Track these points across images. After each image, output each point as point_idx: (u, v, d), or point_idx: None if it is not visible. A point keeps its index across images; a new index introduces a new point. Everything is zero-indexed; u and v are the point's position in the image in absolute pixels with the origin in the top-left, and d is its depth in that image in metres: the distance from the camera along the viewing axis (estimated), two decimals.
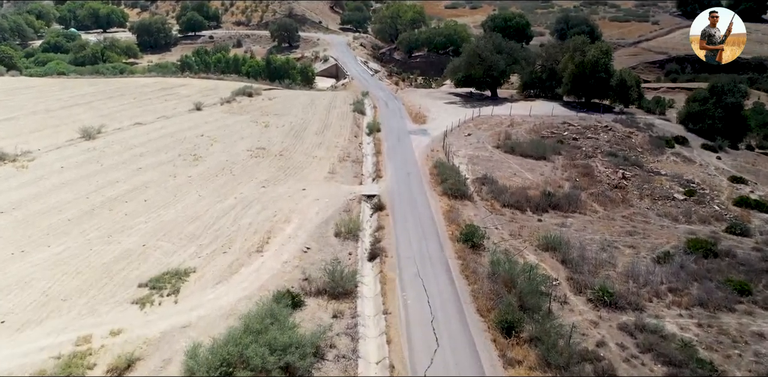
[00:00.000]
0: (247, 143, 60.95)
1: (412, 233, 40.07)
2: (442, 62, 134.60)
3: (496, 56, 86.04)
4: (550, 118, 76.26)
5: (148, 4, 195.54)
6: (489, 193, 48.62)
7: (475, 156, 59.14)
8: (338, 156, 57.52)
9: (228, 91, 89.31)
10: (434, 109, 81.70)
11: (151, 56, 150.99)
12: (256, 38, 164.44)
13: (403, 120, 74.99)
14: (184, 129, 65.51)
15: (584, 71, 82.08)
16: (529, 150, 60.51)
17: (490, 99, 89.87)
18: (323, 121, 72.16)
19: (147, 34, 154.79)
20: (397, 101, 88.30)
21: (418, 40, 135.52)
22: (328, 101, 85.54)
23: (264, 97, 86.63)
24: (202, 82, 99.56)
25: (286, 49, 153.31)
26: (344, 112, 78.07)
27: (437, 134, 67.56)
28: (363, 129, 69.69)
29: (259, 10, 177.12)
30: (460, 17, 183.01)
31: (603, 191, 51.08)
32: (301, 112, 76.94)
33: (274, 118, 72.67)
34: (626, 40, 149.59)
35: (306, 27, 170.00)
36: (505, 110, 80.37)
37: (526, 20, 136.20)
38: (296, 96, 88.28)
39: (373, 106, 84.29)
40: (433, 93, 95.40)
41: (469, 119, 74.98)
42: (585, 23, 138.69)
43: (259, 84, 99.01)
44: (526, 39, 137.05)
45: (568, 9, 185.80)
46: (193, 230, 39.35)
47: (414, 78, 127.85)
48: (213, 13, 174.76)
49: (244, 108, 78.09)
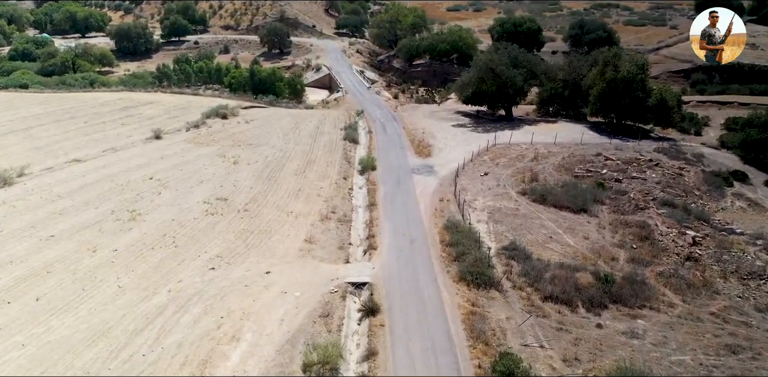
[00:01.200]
0: (206, 189, 47.14)
1: (419, 365, 26.33)
2: (446, 71, 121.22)
3: (513, 71, 72.16)
4: (580, 148, 62.54)
5: (132, 7, 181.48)
6: (522, 275, 34.89)
7: (496, 208, 45.35)
8: (320, 212, 43.67)
9: (200, 110, 75.57)
10: (440, 134, 67.89)
11: (129, 64, 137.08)
12: (245, 44, 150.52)
13: (403, 152, 61.17)
14: (131, 168, 51.66)
15: (617, 89, 68.36)
16: (564, 199, 46.72)
17: (505, 120, 76.01)
18: (306, 154, 58.28)
19: (126, 39, 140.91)
20: (397, 123, 74.45)
21: (419, 47, 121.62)
22: (316, 123, 71.67)
23: (240, 119, 72.74)
24: (174, 98, 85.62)
25: (276, 56, 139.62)
26: (333, 140, 64.19)
27: (446, 173, 53.78)
28: (355, 166, 55.87)
29: (249, 13, 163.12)
30: (463, 20, 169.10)
31: (674, 268, 37.31)
32: (282, 140, 63.09)
33: (247, 150, 58.82)
34: (645, 46, 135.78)
35: (299, 31, 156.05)
36: (524, 135, 66.66)
37: (537, 25, 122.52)
38: (279, 117, 74.40)
39: (369, 130, 70.40)
40: (437, 112, 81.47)
41: (484, 149, 61.19)
42: (602, 28, 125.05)
43: (238, 101, 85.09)
44: (538, 46, 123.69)
45: (578, 11, 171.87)
46: (89, 362, 25.63)
47: (415, 89, 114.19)
48: (200, 16, 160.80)
49: (214, 136, 64.22)
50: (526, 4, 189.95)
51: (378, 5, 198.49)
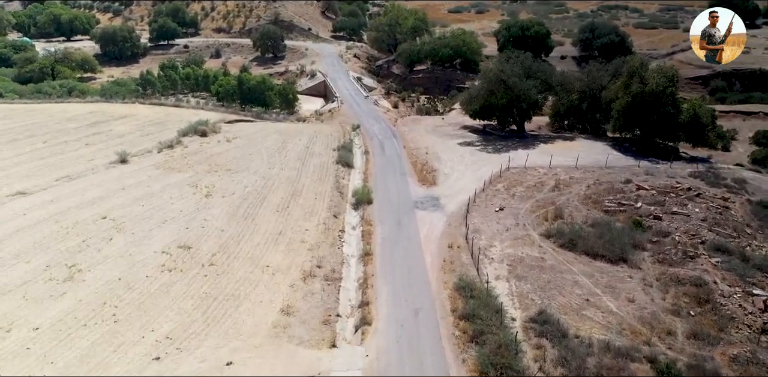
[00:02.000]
0: (168, 233, 38.84)
1: None
2: (449, 78, 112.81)
3: (526, 83, 63.78)
4: (605, 172, 54.24)
5: (121, 9, 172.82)
6: (560, 365, 26.64)
7: (517, 258, 37.03)
8: (303, 266, 35.31)
9: (178, 125, 67.34)
10: (446, 155, 59.54)
11: (114, 69, 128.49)
12: (237, 47, 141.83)
13: (404, 178, 52.80)
14: (83, 204, 43.36)
15: (644, 104, 60.10)
16: (597, 244, 38.42)
17: (517, 136, 67.64)
18: (292, 183, 49.87)
19: (111, 43, 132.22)
20: (397, 141, 66.09)
21: (420, 52, 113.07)
22: (306, 142, 63.29)
23: (222, 136, 64.35)
24: (152, 111, 77.27)
25: (270, 61, 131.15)
26: (324, 164, 55.81)
27: (455, 208, 45.47)
28: (348, 198, 47.58)
29: (242, 16, 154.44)
30: (466, 23, 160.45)
31: (750, 349, 29.03)
32: (265, 164, 54.74)
33: (224, 177, 50.47)
34: (658, 51, 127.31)
35: (294, 35, 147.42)
36: (541, 156, 58.37)
37: (546, 29, 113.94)
38: (265, 135, 66.01)
39: (365, 150, 62.07)
40: (441, 126, 73.03)
41: (497, 175, 52.84)
42: (613, 32, 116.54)
43: (222, 114, 76.82)
44: (546, 50, 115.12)
45: (584, 13, 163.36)
46: None
47: (416, 97, 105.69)
48: (190, 19, 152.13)
49: (189, 158, 55.87)
50: (531, 5, 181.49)
51: (377, 7, 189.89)
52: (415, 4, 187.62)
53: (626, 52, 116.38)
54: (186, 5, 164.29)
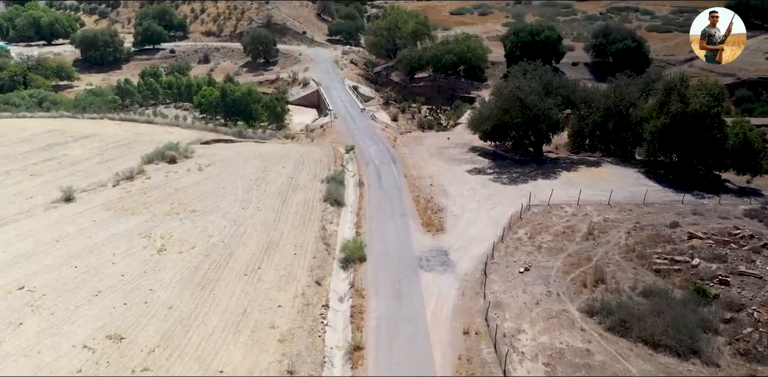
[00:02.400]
0: (98, 312, 29.51)
1: None
2: (453, 86, 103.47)
3: (547, 101, 54.40)
4: (645, 212, 45.03)
5: (107, 11, 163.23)
6: None
7: (556, 352, 27.71)
8: (269, 371, 25.97)
9: (147, 147, 58.15)
10: (454, 188, 50.19)
11: (95, 76, 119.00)
12: (227, 52, 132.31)
13: (405, 222, 43.39)
14: (0, 265, 34.06)
15: (685, 126, 50.87)
16: (657, 328, 29.10)
17: (534, 162, 58.22)
18: (269, 230, 40.49)
19: (92, 48, 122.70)
20: (396, 168, 56.73)
21: (421, 59, 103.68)
22: (290, 170, 53.92)
23: (194, 163, 54.96)
24: (120, 128, 67.90)
25: (261, 66, 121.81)
26: (310, 201, 46.42)
27: (469, 267, 36.16)
28: (335, 253, 38.18)
29: (233, 18, 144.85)
30: (469, 25, 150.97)
31: None
32: (239, 202, 45.39)
33: (186, 222, 41.14)
34: (676, 56, 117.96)
35: (287, 38, 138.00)
36: (565, 188, 49.17)
37: (557, 34, 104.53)
38: (244, 160, 56.57)
39: (359, 180, 52.62)
40: (446, 148, 63.67)
41: (516, 216, 43.53)
42: (629, 37, 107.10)
43: (199, 132, 67.61)
44: (557, 57, 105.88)
45: (594, 16, 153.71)
46: None
47: (417, 108, 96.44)
48: (178, 21, 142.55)
49: (149, 194, 46.51)
50: (536, 6, 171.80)
51: (376, 8, 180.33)
52: (416, 5, 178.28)
53: (643, 59, 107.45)
54: (174, 7, 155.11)
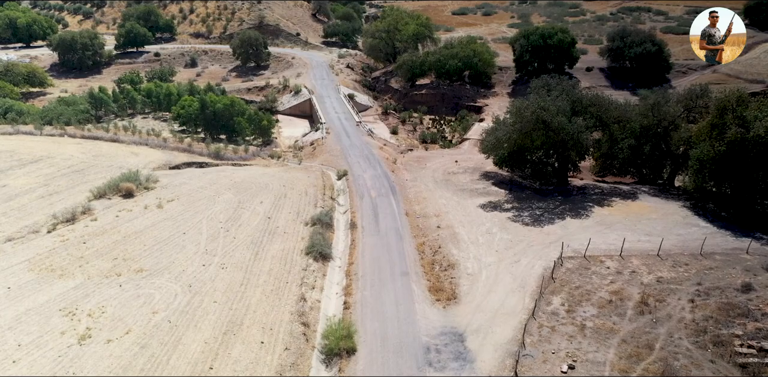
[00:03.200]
0: None
1: None
2: (457, 94, 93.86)
3: (576, 123, 44.77)
4: (706, 266, 35.58)
5: (92, 11, 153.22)
6: None
7: None
8: None
9: (103, 175, 48.71)
10: (466, 231, 40.66)
11: (72, 81, 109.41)
12: (216, 55, 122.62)
13: (407, 285, 33.81)
14: None
15: (744, 155, 41.41)
16: None
17: (558, 192, 48.64)
18: (231, 301, 30.92)
19: (71, 51, 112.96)
20: (396, 201, 47.15)
21: (423, 64, 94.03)
22: (269, 206, 44.35)
23: (155, 196, 45.40)
24: (80, 148, 58.23)
25: (251, 71, 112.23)
26: (288, 254, 36.86)
27: (492, 363, 26.68)
28: (315, 338, 28.64)
29: (223, 19, 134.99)
30: (473, 27, 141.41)
31: None
32: (200, 256, 35.84)
33: (127, 290, 31.60)
34: (697, 61, 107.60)
35: (280, 40, 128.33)
36: (601, 231, 39.85)
37: (571, 37, 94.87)
38: (215, 192, 46.94)
39: (351, 221, 43.03)
40: (455, 174, 54.10)
41: (547, 276, 34.07)
42: (649, 40, 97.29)
43: (170, 153, 57.99)
44: (571, 61, 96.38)
45: (603, 16, 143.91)
46: None
47: (418, 118, 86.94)
48: (164, 23, 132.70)
49: (90, 244, 36.96)
50: (543, 7, 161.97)
51: (375, 8, 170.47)
52: (416, 6, 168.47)
53: (664, 64, 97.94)
54: (162, 7, 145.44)
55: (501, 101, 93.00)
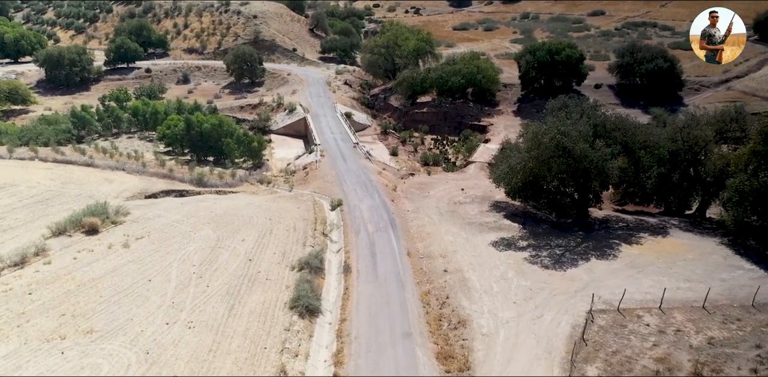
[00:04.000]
0: None
1: None
2: (460, 113, 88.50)
3: (602, 150, 39.19)
4: (761, 321, 30.04)
5: (84, 26, 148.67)
6: None
7: None
8: None
9: (71, 206, 43.12)
10: (478, 276, 34.92)
11: (58, 99, 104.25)
12: (209, 71, 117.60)
13: (410, 351, 27.81)
14: None
15: None
16: None
17: (579, 227, 42.95)
18: None
19: (57, 67, 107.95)
20: (396, 238, 41.38)
21: (424, 81, 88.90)
22: (252, 244, 38.62)
23: (122, 233, 39.70)
24: (49, 174, 52.59)
25: (245, 88, 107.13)
26: (270, 307, 31.04)
27: None
28: None
29: (218, 34, 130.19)
30: (474, 42, 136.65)
31: None
32: (164, 311, 30.04)
33: (70, 357, 25.82)
34: (709, 77, 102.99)
35: (276, 56, 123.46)
36: (633, 276, 34.39)
37: (579, 53, 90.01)
38: (193, 226, 41.26)
39: (344, 264, 37.21)
40: (462, 204, 48.45)
41: (578, 337, 28.29)
42: (661, 56, 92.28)
43: (147, 179, 52.41)
44: (579, 78, 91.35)
45: (609, 32, 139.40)
46: None
47: (419, 138, 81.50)
48: (157, 38, 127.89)
49: (35, 295, 31.18)
50: (545, 21, 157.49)
51: (374, 23, 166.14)
52: (416, 21, 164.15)
53: (676, 81, 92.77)
54: (156, 22, 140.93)
55: (506, 119, 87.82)
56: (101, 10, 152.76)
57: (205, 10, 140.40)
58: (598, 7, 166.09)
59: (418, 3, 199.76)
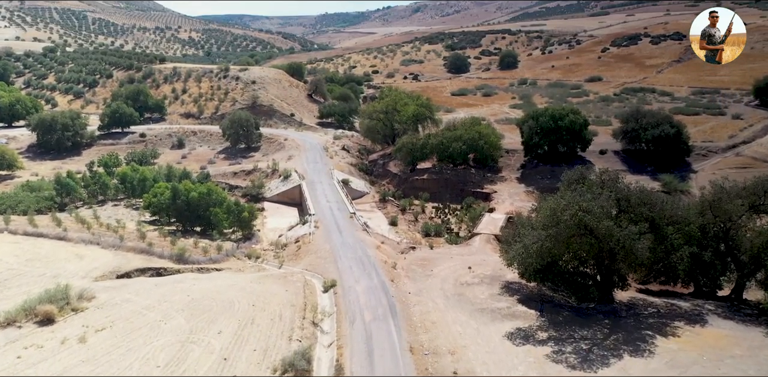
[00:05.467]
0: None
1: None
2: (462, 180, 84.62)
3: (629, 229, 34.54)
4: None
5: (83, 91, 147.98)
6: None
7: None
8: None
9: (31, 288, 37.88)
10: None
11: (47, 164, 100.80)
12: (205, 136, 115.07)
13: None
14: None
15: None
16: None
17: (603, 314, 37.67)
18: None
19: (49, 132, 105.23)
20: (396, 329, 35.83)
21: (425, 147, 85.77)
22: (229, 338, 33.05)
23: (81, 323, 34.26)
24: (15, 249, 47.41)
25: (240, 153, 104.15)
26: None
27: None
28: None
29: (216, 99, 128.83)
30: (473, 107, 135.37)
31: None
32: None
33: None
34: (715, 143, 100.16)
35: (273, 121, 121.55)
36: (672, 374, 28.52)
37: (583, 118, 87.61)
38: (163, 315, 35.84)
39: (335, 361, 31.52)
40: (469, 285, 43.25)
41: None
42: (668, 122, 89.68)
43: (122, 255, 47.38)
44: (583, 144, 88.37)
45: (608, 97, 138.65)
46: None
47: (420, 207, 77.08)
48: (154, 103, 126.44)
49: None
50: (543, 87, 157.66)
51: (373, 89, 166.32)
52: (415, 86, 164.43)
53: (683, 146, 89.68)
54: (155, 87, 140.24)
55: (510, 186, 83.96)
56: (101, 76, 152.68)
57: (204, 76, 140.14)
58: (595, 74, 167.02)
59: (417, 69, 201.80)
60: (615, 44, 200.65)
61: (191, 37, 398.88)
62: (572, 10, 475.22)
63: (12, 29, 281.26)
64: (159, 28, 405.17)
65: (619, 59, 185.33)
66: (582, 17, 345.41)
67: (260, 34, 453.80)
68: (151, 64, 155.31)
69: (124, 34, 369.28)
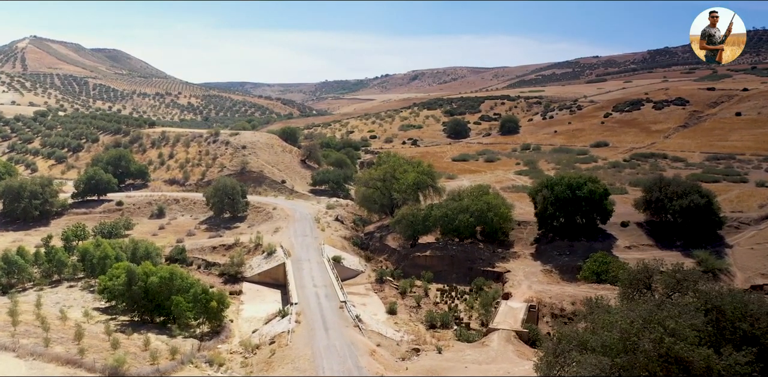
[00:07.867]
0: None
1: None
2: (470, 257, 73.72)
3: (734, 357, 23.82)
4: None
5: (66, 156, 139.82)
6: None
7: None
8: None
9: None
10: None
11: (9, 235, 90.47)
12: (188, 204, 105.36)
13: None
14: None
15: None
16: None
17: None
18: None
19: (17, 200, 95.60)
20: None
21: (427, 219, 75.79)
22: None
23: None
24: None
25: (224, 224, 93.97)
26: None
27: None
28: None
29: (203, 165, 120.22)
30: (476, 173, 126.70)
31: None
32: None
33: None
34: (746, 213, 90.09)
35: (263, 188, 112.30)
36: None
37: (603, 187, 78.26)
38: None
39: None
40: None
41: None
42: (696, 191, 79.96)
43: (46, 367, 36.01)
44: (603, 216, 78.38)
45: (618, 163, 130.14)
46: None
47: (423, 289, 66.08)
48: (137, 168, 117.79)
49: None
50: (547, 153, 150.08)
51: (370, 154, 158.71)
52: (414, 151, 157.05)
53: (715, 218, 79.45)
54: (141, 152, 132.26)
55: (525, 264, 73.21)
56: (87, 140, 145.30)
57: (193, 141, 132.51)
58: (601, 139, 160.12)
59: (416, 134, 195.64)
60: (617, 109, 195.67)
61: (190, 102, 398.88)
62: (568, 77, 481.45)
63: (9, 94, 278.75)
64: (159, 94, 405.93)
65: (623, 124, 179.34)
66: (579, 83, 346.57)
67: (259, 99, 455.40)
68: (140, 128, 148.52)
69: (123, 100, 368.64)
